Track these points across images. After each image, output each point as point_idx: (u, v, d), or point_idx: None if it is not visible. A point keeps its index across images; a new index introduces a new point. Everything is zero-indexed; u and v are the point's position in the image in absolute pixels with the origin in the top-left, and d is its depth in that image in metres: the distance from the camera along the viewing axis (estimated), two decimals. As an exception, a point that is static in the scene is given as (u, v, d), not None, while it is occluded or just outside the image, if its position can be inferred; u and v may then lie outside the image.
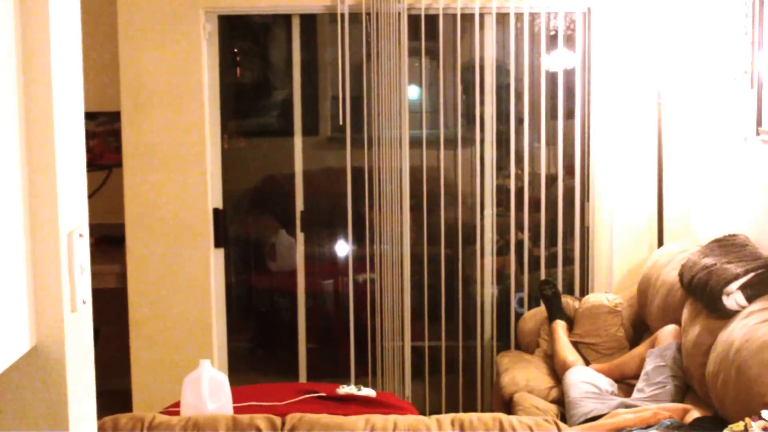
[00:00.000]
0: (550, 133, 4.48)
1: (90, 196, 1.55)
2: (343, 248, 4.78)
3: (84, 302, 1.46)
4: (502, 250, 4.60)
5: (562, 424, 2.47)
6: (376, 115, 4.37)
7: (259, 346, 5.11)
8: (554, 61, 4.51)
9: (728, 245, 3.47)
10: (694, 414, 2.99)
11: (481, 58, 4.45)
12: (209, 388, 2.91)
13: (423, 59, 4.55)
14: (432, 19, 4.38)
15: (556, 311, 4.15)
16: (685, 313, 3.45)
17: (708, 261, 3.36)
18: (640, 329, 4.09)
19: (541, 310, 4.27)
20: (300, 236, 4.61)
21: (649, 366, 3.46)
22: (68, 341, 1.40)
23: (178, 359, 4.27)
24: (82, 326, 1.46)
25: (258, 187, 4.98)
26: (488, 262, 4.55)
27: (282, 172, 4.81)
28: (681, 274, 3.52)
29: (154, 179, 4.30)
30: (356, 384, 3.36)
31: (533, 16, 4.44)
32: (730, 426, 2.49)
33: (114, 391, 4.13)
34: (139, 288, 4.34)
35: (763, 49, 3.48)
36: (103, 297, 2.59)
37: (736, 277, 3.15)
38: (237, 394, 3.06)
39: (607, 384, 3.56)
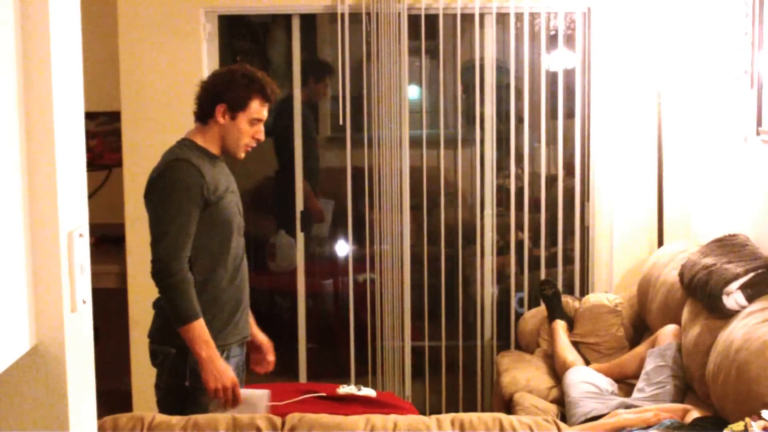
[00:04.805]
0: (550, 133, 4.48)
1: (90, 196, 1.55)
2: (343, 248, 4.78)
3: (84, 302, 1.46)
4: (502, 250, 4.60)
5: (562, 424, 2.47)
6: (376, 115, 4.37)
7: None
8: (554, 61, 4.51)
9: (728, 245, 3.47)
10: (694, 414, 2.99)
11: (481, 58, 4.44)
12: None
13: (423, 59, 4.55)
14: (432, 19, 4.38)
15: (556, 311, 4.15)
16: (685, 313, 3.45)
17: (708, 261, 3.36)
18: (640, 329, 4.09)
19: (541, 310, 4.27)
20: (300, 236, 4.61)
21: (649, 366, 3.46)
22: (68, 341, 1.40)
23: (178, 359, 4.26)
24: (82, 326, 1.46)
25: (258, 187, 4.98)
26: (488, 262, 4.55)
27: (282, 172, 4.81)
28: (681, 274, 3.52)
29: (154, 179, 4.30)
30: (356, 384, 3.36)
31: (533, 16, 4.44)
32: (730, 426, 2.49)
33: (114, 391, 4.13)
34: (139, 288, 4.34)
35: (763, 49, 3.48)
36: (103, 297, 2.59)
37: (736, 277, 3.15)
38: (237, 394, 3.05)
39: (607, 384, 3.56)
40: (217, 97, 2.77)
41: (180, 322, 2.62)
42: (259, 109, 2.80)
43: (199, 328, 2.63)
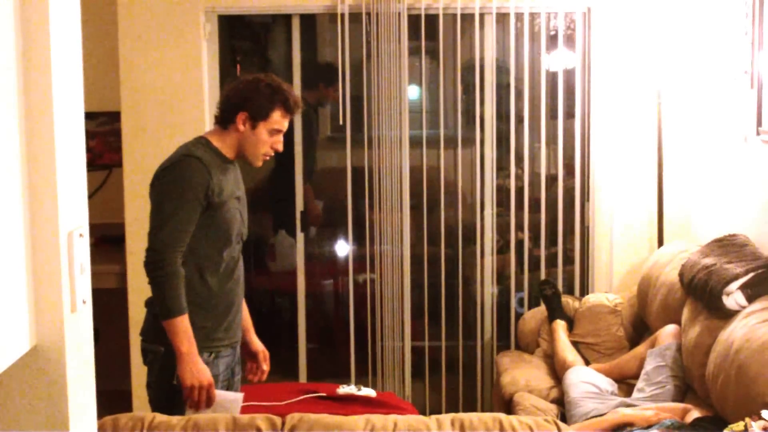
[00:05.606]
0: (550, 133, 4.48)
1: (90, 196, 1.55)
2: (343, 248, 4.78)
3: (84, 302, 1.46)
4: (502, 250, 4.60)
5: (562, 424, 2.47)
6: (376, 115, 4.37)
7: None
8: (554, 61, 4.51)
9: (728, 245, 3.47)
10: (694, 414, 2.99)
11: (481, 58, 4.44)
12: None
13: (423, 59, 4.55)
14: (432, 19, 4.38)
15: (556, 311, 4.15)
16: (685, 313, 3.45)
17: (708, 261, 3.36)
18: (640, 329, 4.09)
19: (541, 310, 4.27)
20: (300, 236, 4.61)
21: (649, 366, 3.47)
22: (68, 341, 1.40)
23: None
24: (82, 326, 1.46)
25: (258, 187, 4.98)
26: (488, 262, 4.55)
27: (283, 171, 4.80)
28: (681, 274, 3.52)
29: (154, 179, 4.30)
30: (356, 384, 3.36)
31: (533, 16, 4.44)
32: (730, 426, 2.49)
33: (114, 391, 4.13)
34: (139, 288, 4.33)
35: (763, 49, 3.48)
36: (103, 297, 2.59)
37: (736, 277, 3.15)
38: (237, 394, 3.05)
39: (607, 384, 3.56)
40: (239, 105, 2.78)
41: (165, 315, 2.64)
42: (280, 120, 2.80)
43: (183, 324, 2.65)
